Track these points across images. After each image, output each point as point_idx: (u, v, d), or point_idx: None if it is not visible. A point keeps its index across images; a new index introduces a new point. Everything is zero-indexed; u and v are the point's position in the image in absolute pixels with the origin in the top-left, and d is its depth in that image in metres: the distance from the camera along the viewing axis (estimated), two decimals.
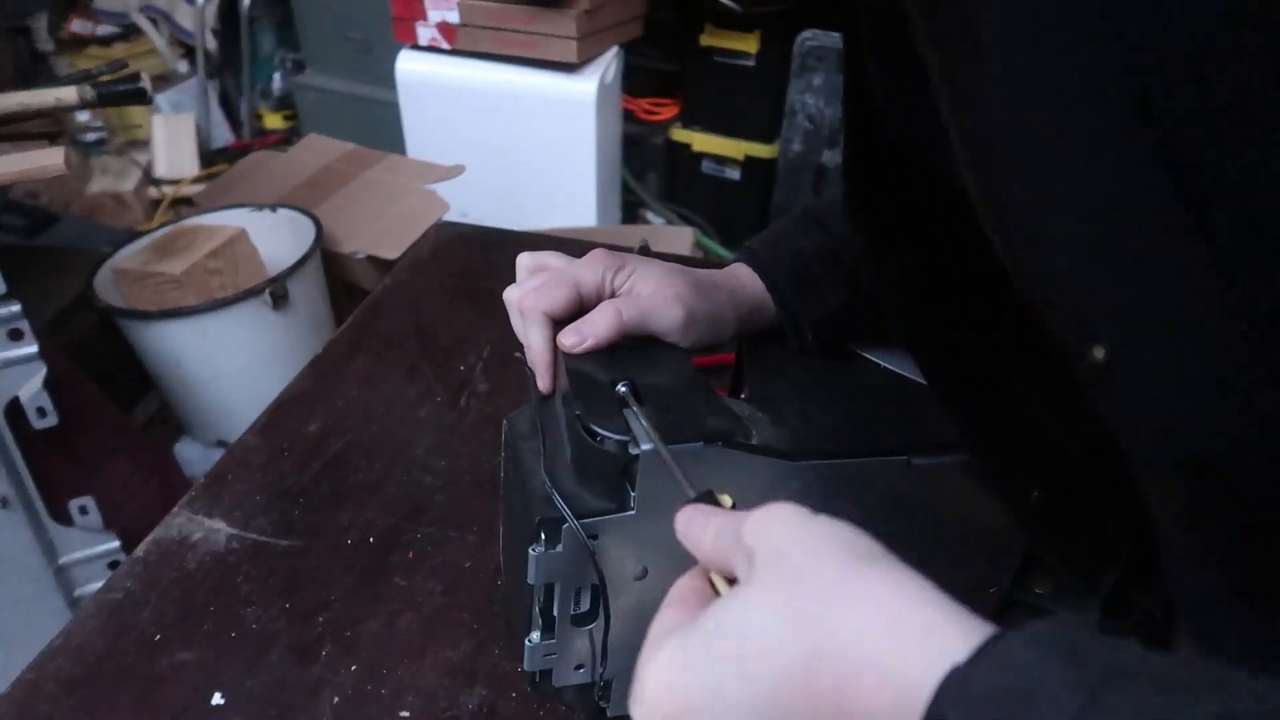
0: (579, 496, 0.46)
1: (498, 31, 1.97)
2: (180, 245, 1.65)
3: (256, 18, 2.68)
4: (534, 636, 0.49)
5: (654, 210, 2.41)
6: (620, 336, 0.50)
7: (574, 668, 0.51)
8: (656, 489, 0.44)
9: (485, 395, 0.85)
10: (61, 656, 0.61)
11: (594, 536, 0.46)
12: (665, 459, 0.42)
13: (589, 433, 0.45)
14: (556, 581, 0.48)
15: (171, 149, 2.46)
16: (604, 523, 0.46)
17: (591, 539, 0.45)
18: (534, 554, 0.46)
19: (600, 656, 0.50)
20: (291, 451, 0.78)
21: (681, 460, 0.42)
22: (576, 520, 0.45)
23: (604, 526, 0.46)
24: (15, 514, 1.14)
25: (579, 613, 0.49)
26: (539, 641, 0.49)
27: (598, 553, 0.46)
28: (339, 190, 1.95)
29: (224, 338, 1.60)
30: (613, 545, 0.46)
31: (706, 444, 0.45)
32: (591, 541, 0.45)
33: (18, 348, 1.09)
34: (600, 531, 0.46)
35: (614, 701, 0.53)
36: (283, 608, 0.64)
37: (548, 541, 0.46)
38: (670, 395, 0.48)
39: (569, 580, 0.48)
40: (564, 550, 0.46)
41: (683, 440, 0.44)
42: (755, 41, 2.22)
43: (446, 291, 1.01)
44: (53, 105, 1.29)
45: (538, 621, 0.49)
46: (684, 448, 0.44)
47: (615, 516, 0.46)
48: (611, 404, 0.47)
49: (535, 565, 0.46)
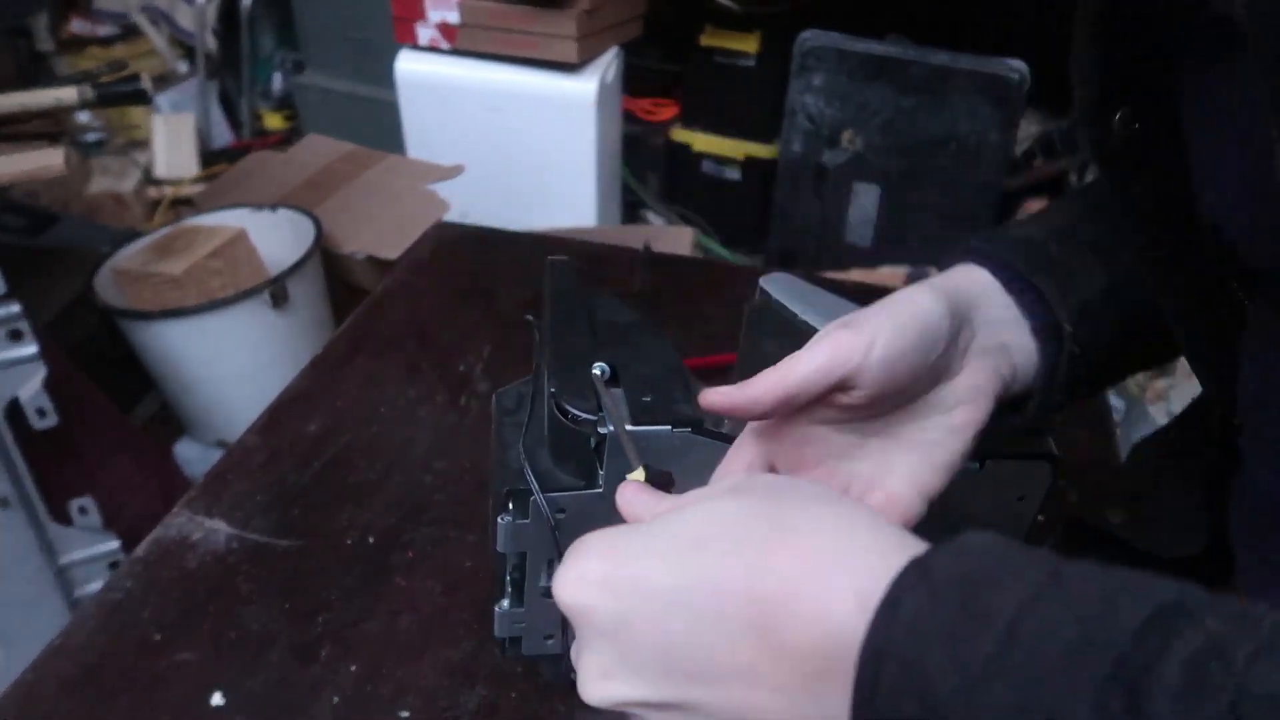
0: (551, 473, 0.48)
1: (498, 31, 1.97)
2: (180, 245, 1.65)
3: (256, 18, 2.68)
4: (503, 604, 0.51)
5: (654, 210, 2.41)
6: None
7: (544, 638, 0.53)
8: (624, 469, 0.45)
9: (485, 395, 0.85)
10: (61, 656, 0.61)
11: (561, 511, 0.47)
12: (621, 438, 0.43)
13: (561, 411, 0.47)
14: (527, 551, 0.49)
15: (171, 149, 2.46)
16: (570, 498, 0.47)
17: (559, 513, 0.47)
18: (502, 523, 0.48)
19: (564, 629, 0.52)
20: (291, 451, 0.78)
21: (648, 443, 0.44)
22: (543, 494, 0.46)
23: (570, 502, 0.47)
24: (15, 514, 1.14)
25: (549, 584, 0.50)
26: (507, 609, 0.51)
27: (565, 528, 0.47)
28: (339, 190, 1.95)
29: (224, 338, 1.60)
30: (579, 521, 0.47)
31: (675, 428, 0.46)
32: (558, 515, 0.47)
33: (18, 348, 1.09)
34: (567, 507, 0.47)
35: None
36: (283, 608, 0.64)
37: (516, 512, 0.48)
38: (649, 381, 0.49)
39: (539, 551, 0.49)
40: (532, 522, 0.48)
41: (651, 424, 0.45)
42: (755, 41, 2.22)
43: (446, 291, 1.01)
44: (53, 105, 1.29)
45: (507, 589, 0.51)
46: (651, 431, 0.45)
47: (581, 493, 0.47)
48: (587, 384, 0.48)
49: (504, 534, 0.48)
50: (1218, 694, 0.21)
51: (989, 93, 2.01)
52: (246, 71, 2.72)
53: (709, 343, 0.85)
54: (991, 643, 0.23)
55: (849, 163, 2.19)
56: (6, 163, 1.11)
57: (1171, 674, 0.21)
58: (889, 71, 2.07)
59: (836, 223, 2.27)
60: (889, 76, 2.07)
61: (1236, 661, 0.21)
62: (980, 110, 2.03)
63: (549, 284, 0.58)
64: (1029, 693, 0.22)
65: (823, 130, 2.18)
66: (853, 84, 2.11)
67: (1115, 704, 0.21)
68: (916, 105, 2.07)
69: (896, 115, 2.10)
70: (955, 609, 0.24)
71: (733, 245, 2.37)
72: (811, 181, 2.25)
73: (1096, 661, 0.22)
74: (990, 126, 2.04)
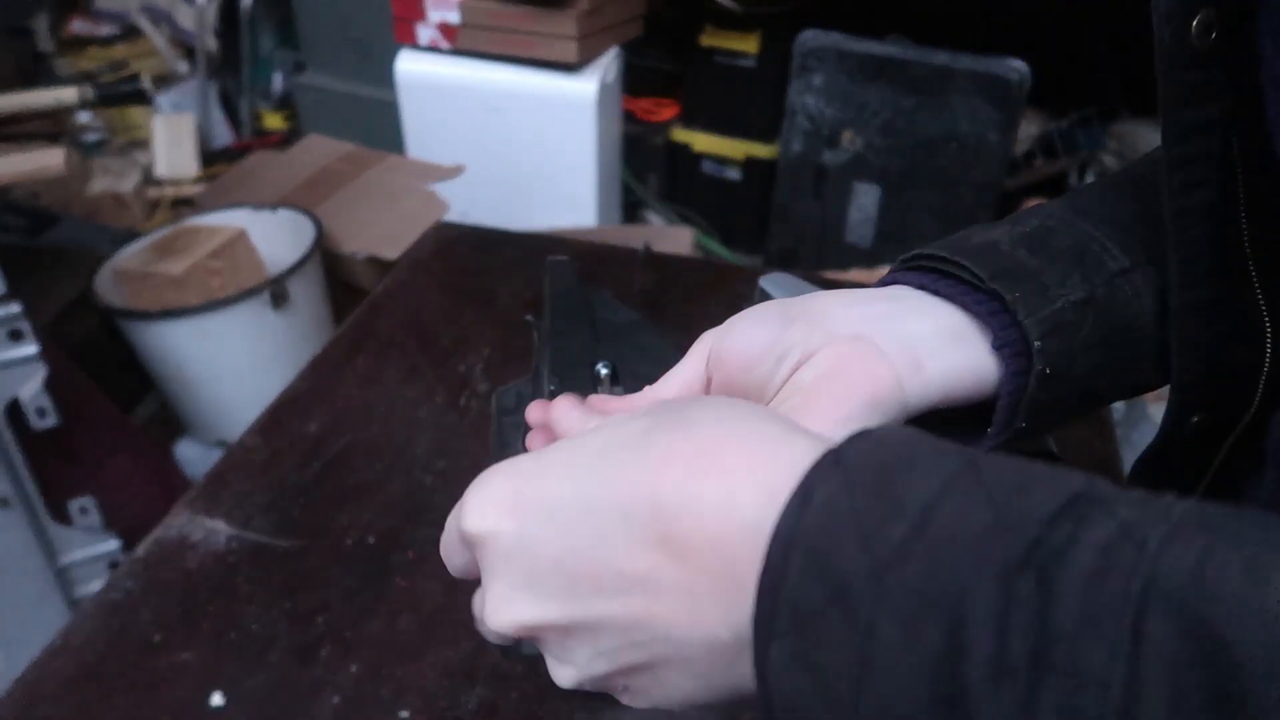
0: None
1: (498, 31, 1.97)
2: (180, 245, 1.65)
3: (256, 18, 2.68)
4: None
5: (654, 210, 2.41)
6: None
7: None
8: None
9: (485, 395, 0.85)
10: (61, 657, 0.61)
11: None
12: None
13: None
14: None
15: (171, 149, 2.46)
16: None
17: None
18: None
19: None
20: (291, 451, 0.78)
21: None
22: None
23: None
24: (15, 514, 1.14)
25: None
26: None
27: None
28: (339, 190, 1.95)
29: (224, 338, 1.60)
30: None
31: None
32: None
33: (18, 348, 1.09)
34: None
35: None
36: (283, 608, 0.64)
37: None
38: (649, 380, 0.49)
39: None
40: None
41: None
42: (755, 41, 2.22)
43: (446, 291, 1.01)
44: (53, 105, 1.29)
45: None
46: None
47: None
48: (587, 383, 0.47)
49: None
50: (1130, 578, 0.21)
51: (989, 93, 2.01)
52: (246, 71, 2.72)
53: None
54: (904, 527, 0.23)
55: (849, 163, 2.19)
56: (6, 163, 1.12)
57: (1084, 558, 0.21)
58: (889, 71, 2.07)
59: (836, 223, 2.27)
60: (889, 76, 2.07)
61: (1148, 545, 0.21)
62: (980, 110, 2.03)
63: (549, 283, 0.58)
64: (939, 575, 0.22)
65: (823, 130, 2.18)
66: (853, 84, 2.11)
67: (1025, 586, 0.21)
68: (916, 105, 2.08)
69: (896, 115, 2.10)
70: (869, 496, 0.23)
71: (733, 245, 2.37)
72: (811, 181, 2.25)
73: (1008, 545, 0.22)
74: (990, 126, 2.04)
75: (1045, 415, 0.38)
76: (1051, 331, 0.36)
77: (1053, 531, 0.22)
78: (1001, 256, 0.38)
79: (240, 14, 2.64)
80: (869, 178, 2.19)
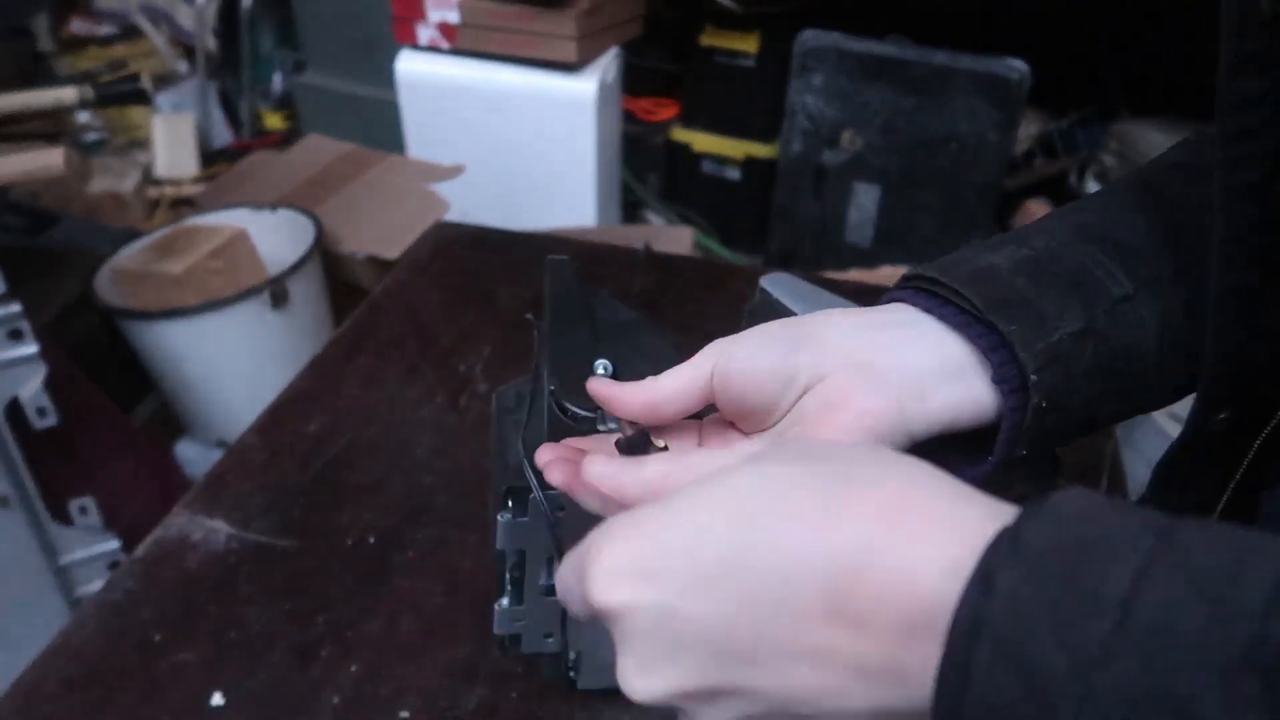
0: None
1: (498, 31, 1.97)
2: (180, 245, 1.65)
3: (256, 18, 2.68)
4: (503, 602, 0.52)
5: (654, 210, 2.41)
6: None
7: (544, 636, 0.53)
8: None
9: (485, 395, 0.85)
10: (61, 657, 0.61)
11: (561, 508, 0.47)
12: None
13: (560, 409, 0.47)
14: (527, 549, 0.50)
15: (171, 149, 2.46)
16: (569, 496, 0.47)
17: (559, 511, 0.47)
18: (501, 521, 0.48)
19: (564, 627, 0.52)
20: (291, 451, 0.78)
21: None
22: (542, 492, 0.46)
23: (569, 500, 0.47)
24: (15, 514, 1.14)
25: (549, 583, 0.51)
26: (507, 607, 0.52)
27: (564, 525, 0.47)
28: (339, 190, 1.95)
29: (224, 338, 1.60)
30: (578, 519, 0.47)
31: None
32: (558, 513, 0.47)
33: (18, 348, 1.09)
34: (566, 504, 0.47)
35: (583, 675, 0.55)
36: (283, 608, 0.64)
37: (514, 510, 0.48)
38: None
39: (538, 549, 0.50)
40: (531, 520, 0.48)
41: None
42: (755, 41, 2.22)
43: (446, 291, 1.01)
44: (53, 105, 1.29)
45: (506, 587, 0.51)
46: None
47: None
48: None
49: (503, 531, 0.49)
50: None
51: (989, 93, 2.01)
52: (246, 71, 2.72)
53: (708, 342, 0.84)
54: (1106, 622, 0.21)
55: (849, 163, 2.19)
56: (6, 163, 1.12)
57: None
58: (889, 71, 2.07)
59: (836, 223, 2.27)
60: (889, 76, 2.07)
61: None
62: (980, 110, 2.03)
63: (549, 283, 0.58)
64: (1155, 676, 0.20)
65: (823, 130, 2.18)
66: (853, 84, 2.11)
67: (1249, 688, 0.19)
68: (916, 105, 2.08)
69: (896, 115, 2.10)
70: (1058, 586, 0.22)
71: (733, 245, 2.37)
72: (811, 181, 2.25)
73: (1225, 642, 0.20)
74: (990, 126, 2.04)
75: (1046, 441, 0.39)
76: (1049, 364, 0.37)
77: (1269, 625, 0.20)
78: (1000, 285, 0.38)
79: (240, 14, 2.64)
80: (869, 178, 2.19)
